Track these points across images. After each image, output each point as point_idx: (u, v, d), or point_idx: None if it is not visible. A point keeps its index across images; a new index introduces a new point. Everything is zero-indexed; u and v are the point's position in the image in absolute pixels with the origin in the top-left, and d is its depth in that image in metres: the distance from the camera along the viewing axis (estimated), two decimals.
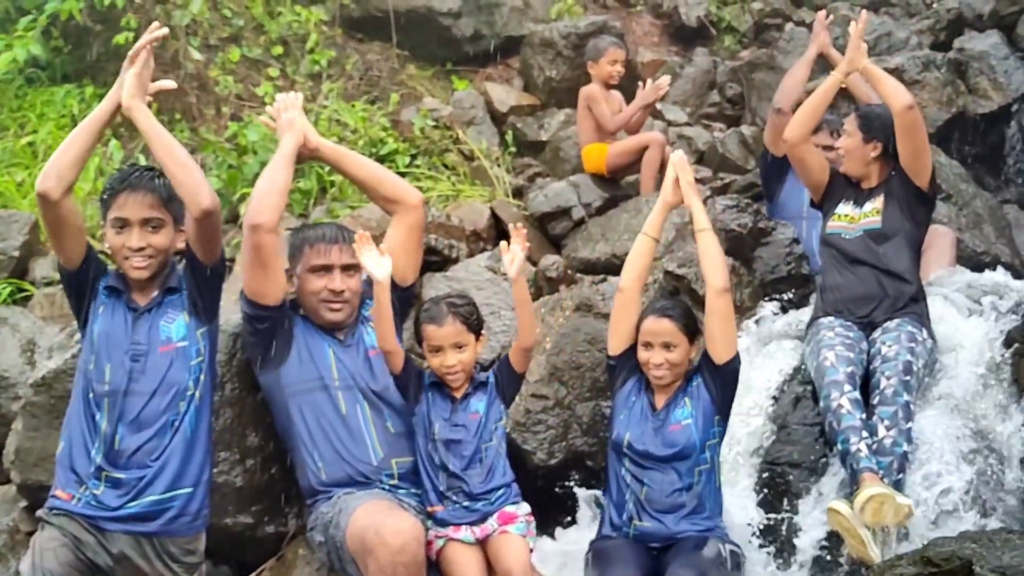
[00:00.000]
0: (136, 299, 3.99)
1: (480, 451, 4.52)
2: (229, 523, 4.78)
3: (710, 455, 4.61)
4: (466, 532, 4.46)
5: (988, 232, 6.46)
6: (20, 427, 4.96)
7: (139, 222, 3.92)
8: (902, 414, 4.73)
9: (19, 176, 7.75)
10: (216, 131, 8.35)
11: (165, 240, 3.98)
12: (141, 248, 3.92)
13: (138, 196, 3.94)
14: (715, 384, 4.61)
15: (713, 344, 4.59)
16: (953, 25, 8.69)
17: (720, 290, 4.56)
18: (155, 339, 3.94)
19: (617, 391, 4.77)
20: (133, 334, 3.92)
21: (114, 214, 3.95)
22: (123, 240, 3.92)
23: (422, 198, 5.05)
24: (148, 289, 4.01)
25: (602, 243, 7.02)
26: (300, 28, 9.06)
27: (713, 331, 4.58)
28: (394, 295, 4.49)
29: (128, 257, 3.92)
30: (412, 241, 4.96)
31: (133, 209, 3.93)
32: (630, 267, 4.80)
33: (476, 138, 8.44)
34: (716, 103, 9.27)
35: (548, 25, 9.28)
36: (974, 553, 3.66)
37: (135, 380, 3.88)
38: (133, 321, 3.95)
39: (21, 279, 6.79)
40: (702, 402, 4.62)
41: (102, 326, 3.94)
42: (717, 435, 4.65)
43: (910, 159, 5.23)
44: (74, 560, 3.80)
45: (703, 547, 4.45)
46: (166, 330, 3.97)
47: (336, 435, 4.59)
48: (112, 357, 3.90)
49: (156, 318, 3.97)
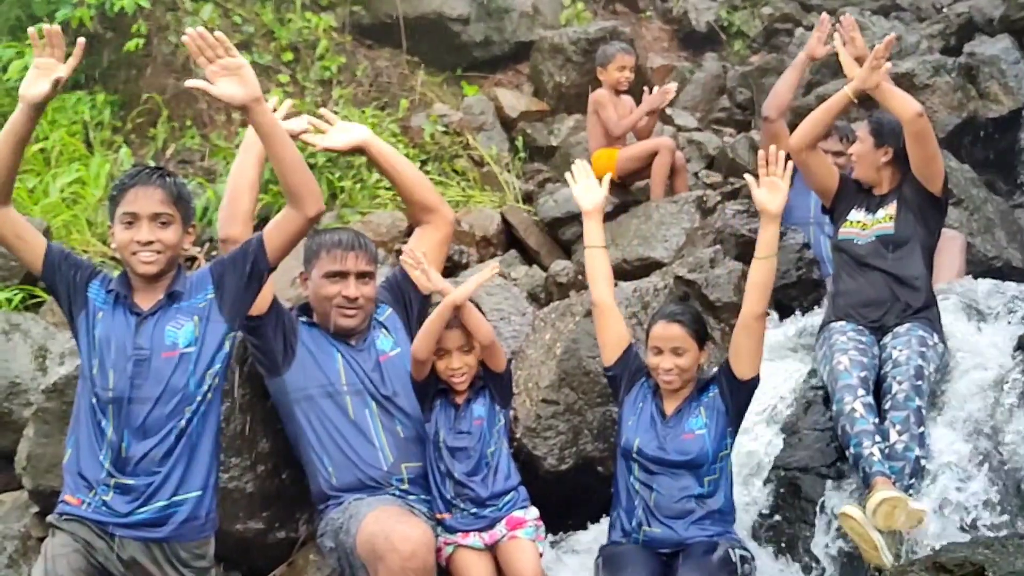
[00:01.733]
0: (139, 303, 3.95)
1: (485, 456, 4.53)
2: (240, 529, 4.79)
3: (721, 465, 4.60)
4: (475, 538, 4.47)
5: (999, 237, 6.45)
6: (32, 433, 4.97)
7: (149, 217, 3.90)
8: (914, 419, 4.72)
9: (30, 183, 7.78)
10: (227, 137, 8.38)
11: (174, 237, 3.95)
12: (150, 242, 3.89)
13: (148, 191, 3.92)
14: (732, 398, 4.59)
15: (738, 361, 4.56)
16: (963, 30, 8.69)
17: (759, 315, 4.53)
18: (159, 344, 3.89)
19: (623, 398, 4.76)
20: (136, 338, 3.89)
21: (123, 209, 3.92)
22: (132, 235, 3.90)
23: (455, 216, 5.08)
24: (152, 292, 3.96)
25: (612, 248, 6.99)
26: (310, 35, 9.09)
27: (741, 349, 4.55)
28: (417, 305, 4.53)
29: (136, 252, 3.89)
30: (440, 254, 5.05)
31: (143, 204, 3.91)
32: (595, 281, 4.78)
33: (486, 144, 8.46)
34: (726, 108, 9.28)
35: (558, 31, 9.30)
36: (986, 559, 3.66)
37: (137, 386, 3.85)
38: (136, 325, 3.90)
39: (33, 285, 6.81)
40: (717, 413, 4.60)
41: (103, 331, 3.90)
42: (728, 446, 4.64)
43: (922, 166, 5.22)
44: (86, 566, 3.79)
45: (713, 552, 4.43)
46: (172, 335, 3.92)
47: (345, 440, 4.60)
48: (115, 362, 3.87)
49: (162, 322, 3.92)
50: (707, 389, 4.66)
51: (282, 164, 3.93)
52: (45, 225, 6.99)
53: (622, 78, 7.49)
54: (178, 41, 8.60)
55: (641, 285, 5.63)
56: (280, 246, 4.04)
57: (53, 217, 7.34)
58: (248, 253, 4.04)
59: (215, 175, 8.02)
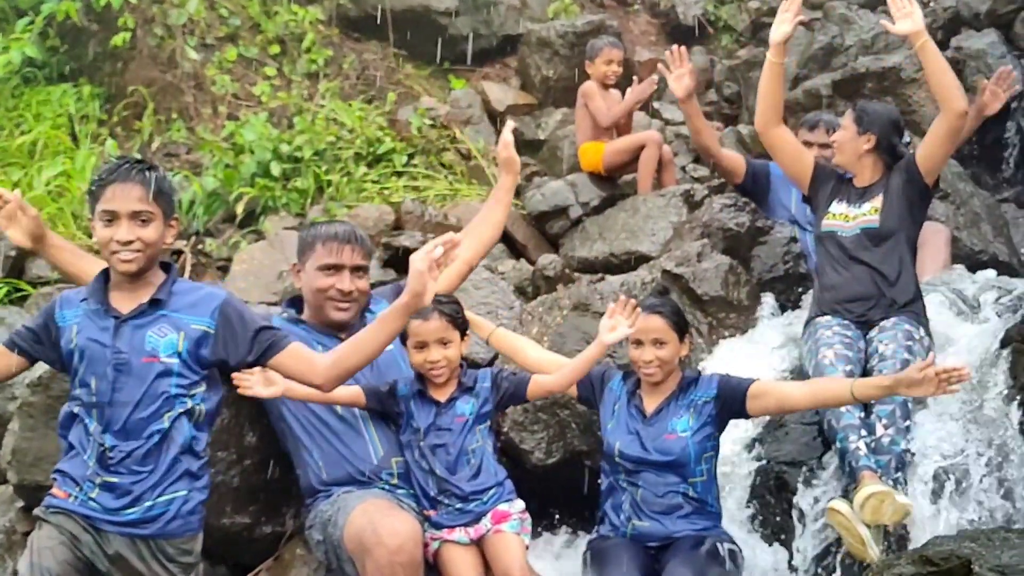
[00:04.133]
0: (116, 305, 3.87)
1: (466, 452, 4.50)
2: (226, 523, 4.77)
3: (706, 467, 4.61)
4: (460, 533, 4.46)
5: (985, 231, 6.46)
6: (17, 427, 4.95)
7: (128, 215, 3.83)
8: (900, 412, 4.73)
9: (16, 175, 7.75)
10: (213, 130, 8.35)
11: (154, 234, 3.89)
12: (129, 242, 3.84)
13: (127, 188, 3.85)
14: (727, 416, 4.62)
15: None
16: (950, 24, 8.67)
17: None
18: (138, 348, 3.82)
19: (600, 407, 4.77)
20: (115, 341, 3.83)
21: (102, 207, 3.86)
22: (111, 233, 3.84)
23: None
24: (132, 293, 3.88)
25: (599, 242, 7.03)
26: (297, 27, 9.07)
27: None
28: None
29: (116, 251, 3.84)
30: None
31: (122, 202, 3.84)
32: (516, 353, 4.92)
33: (473, 137, 8.45)
34: (713, 102, 9.27)
35: (545, 24, 9.28)
36: (973, 552, 3.66)
37: (118, 390, 3.80)
38: (115, 328, 3.85)
39: (18, 278, 6.79)
40: (706, 420, 4.60)
41: (82, 340, 3.84)
42: (713, 448, 4.64)
43: (938, 160, 5.29)
44: (72, 559, 3.77)
45: (701, 546, 4.44)
46: (152, 341, 3.83)
47: (335, 435, 4.58)
48: (96, 369, 3.83)
49: (144, 327, 3.86)
50: (692, 389, 4.65)
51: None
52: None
53: (610, 72, 7.49)
54: (164, 34, 8.57)
55: (628, 279, 5.64)
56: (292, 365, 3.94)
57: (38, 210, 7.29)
58: (258, 345, 3.90)
59: (201, 168, 8.00)
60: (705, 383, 4.66)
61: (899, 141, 5.44)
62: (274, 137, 7.92)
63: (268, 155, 7.78)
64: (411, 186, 7.98)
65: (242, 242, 7.41)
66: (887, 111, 5.56)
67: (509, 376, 4.66)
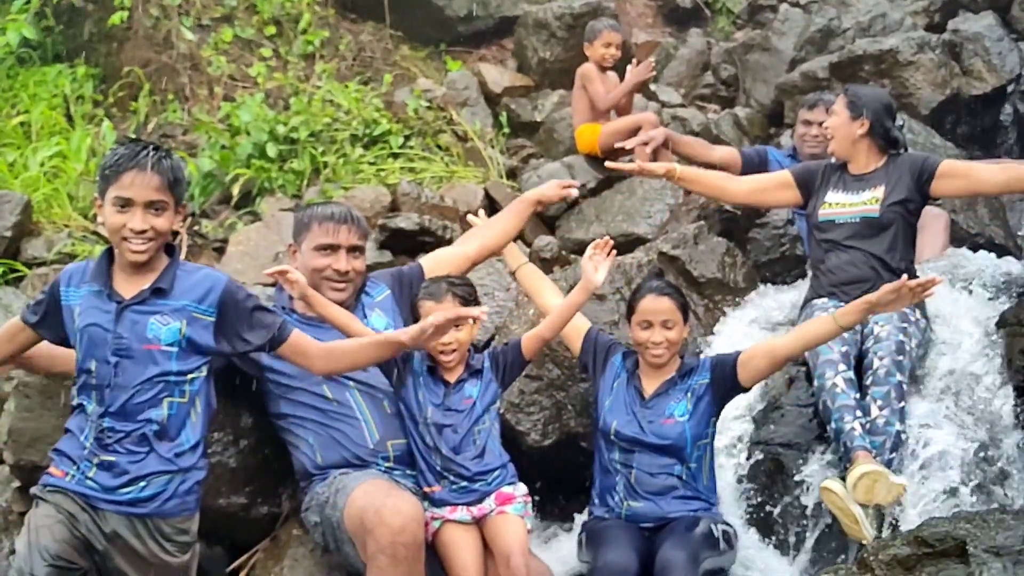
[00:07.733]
0: (119, 290, 3.86)
1: (472, 433, 4.51)
2: (223, 504, 4.78)
3: (701, 453, 4.62)
4: (463, 512, 4.46)
5: (982, 213, 6.46)
6: (13, 407, 4.95)
7: (144, 204, 3.82)
8: (895, 394, 4.74)
9: (11, 156, 7.73)
10: (209, 111, 8.33)
11: (167, 224, 3.88)
12: (143, 231, 3.83)
13: (145, 178, 3.81)
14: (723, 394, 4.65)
15: (749, 375, 4.60)
16: (948, 6, 8.68)
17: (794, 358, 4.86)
18: (139, 334, 3.81)
19: (599, 379, 4.77)
20: (116, 326, 3.83)
21: (117, 192, 3.82)
22: (124, 220, 3.81)
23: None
24: (136, 279, 3.88)
25: (596, 224, 7.02)
26: (293, 8, 9.03)
27: (760, 371, 4.62)
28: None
29: (128, 239, 3.82)
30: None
31: (139, 190, 3.81)
32: (537, 294, 5.02)
33: (470, 119, 8.43)
34: (710, 84, 9.25)
35: (542, 6, 9.25)
36: (968, 533, 3.67)
37: (118, 374, 3.81)
38: (116, 313, 3.85)
39: (13, 259, 6.77)
40: (703, 403, 4.62)
41: (83, 323, 3.84)
42: (710, 434, 4.66)
43: (948, 193, 5.44)
44: (70, 537, 3.77)
45: (695, 527, 4.46)
46: (154, 328, 3.83)
47: (329, 418, 4.57)
48: (97, 353, 3.83)
49: (146, 314, 3.86)
50: (692, 375, 4.66)
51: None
52: (26, 199, 6.95)
53: (608, 55, 7.47)
54: (160, 14, 8.54)
55: (625, 261, 5.63)
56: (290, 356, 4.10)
57: (33, 191, 7.29)
58: (259, 335, 3.99)
59: (196, 149, 7.98)
60: (700, 368, 4.68)
61: (893, 125, 5.43)
62: (270, 118, 7.90)
63: (264, 136, 7.76)
64: (407, 168, 7.96)
65: (238, 223, 7.39)
66: (879, 95, 5.55)
67: (502, 348, 4.69)
